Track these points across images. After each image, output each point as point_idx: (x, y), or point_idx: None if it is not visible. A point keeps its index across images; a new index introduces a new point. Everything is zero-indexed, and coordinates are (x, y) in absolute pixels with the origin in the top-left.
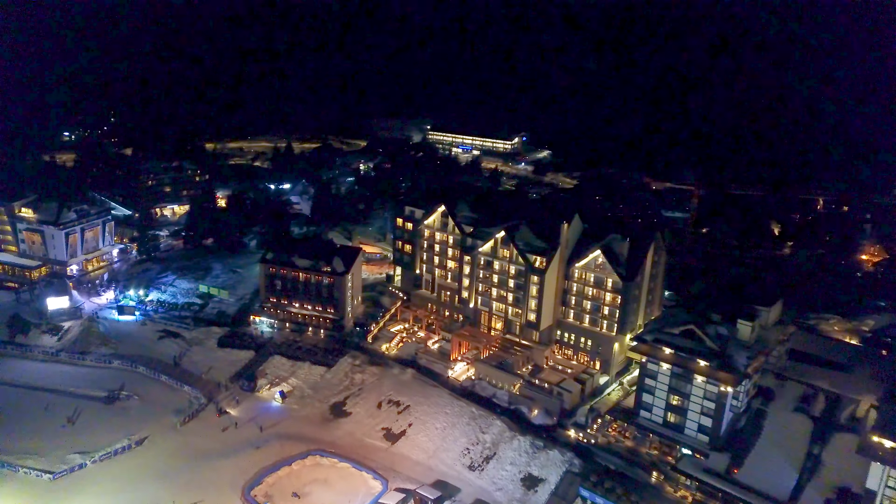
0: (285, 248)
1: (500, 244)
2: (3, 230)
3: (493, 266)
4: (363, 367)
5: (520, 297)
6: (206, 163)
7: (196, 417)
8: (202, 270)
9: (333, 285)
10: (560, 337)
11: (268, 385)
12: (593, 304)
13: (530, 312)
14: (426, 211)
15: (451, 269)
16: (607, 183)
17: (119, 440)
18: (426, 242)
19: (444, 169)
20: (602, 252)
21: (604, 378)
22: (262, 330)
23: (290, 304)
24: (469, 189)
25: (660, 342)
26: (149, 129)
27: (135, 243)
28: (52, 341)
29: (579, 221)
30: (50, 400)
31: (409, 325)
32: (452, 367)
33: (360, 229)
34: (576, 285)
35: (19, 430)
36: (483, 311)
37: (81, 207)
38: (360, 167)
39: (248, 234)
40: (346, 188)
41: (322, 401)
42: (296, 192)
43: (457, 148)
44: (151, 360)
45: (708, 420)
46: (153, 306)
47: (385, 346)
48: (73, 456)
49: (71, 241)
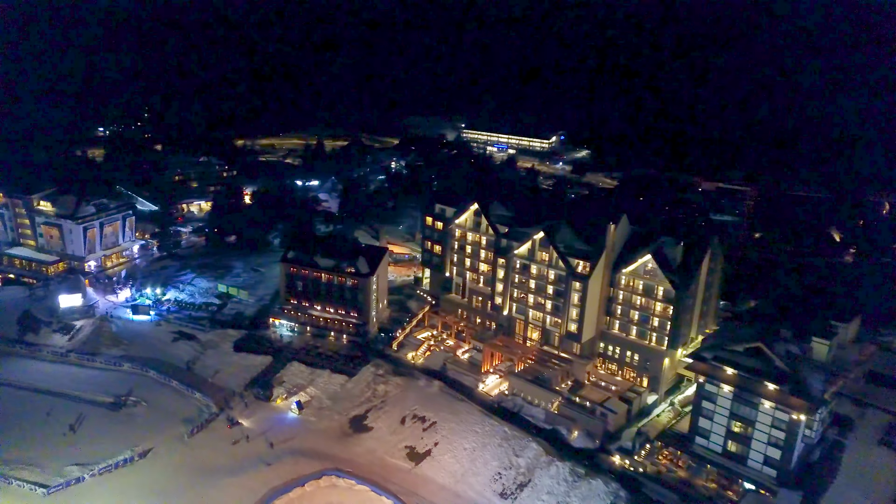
0: (308, 247)
1: (538, 246)
2: (22, 223)
3: (530, 270)
4: (387, 377)
5: (559, 304)
6: (234, 158)
7: (205, 428)
8: (223, 269)
9: (357, 287)
10: (603, 350)
11: (284, 394)
12: (641, 314)
13: (571, 322)
14: (458, 209)
15: (484, 273)
16: (650, 183)
17: (121, 451)
18: (457, 243)
19: (478, 167)
20: (653, 257)
21: (652, 397)
22: (281, 334)
23: (312, 307)
24: (504, 186)
25: (721, 361)
26: (180, 126)
27: (156, 239)
28: (62, 341)
29: (627, 223)
30: (53, 405)
31: (438, 332)
32: (483, 381)
33: (388, 228)
34: (622, 293)
35: (18, 436)
36: (518, 320)
37: (101, 201)
38: (392, 165)
39: (273, 232)
40: (375, 186)
41: (341, 413)
42: (324, 190)
43: (491, 147)
44: (163, 363)
45: (776, 452)
46: (169, 306)
47: (411, 354)
48: (71, 468)
49: (89, 235)
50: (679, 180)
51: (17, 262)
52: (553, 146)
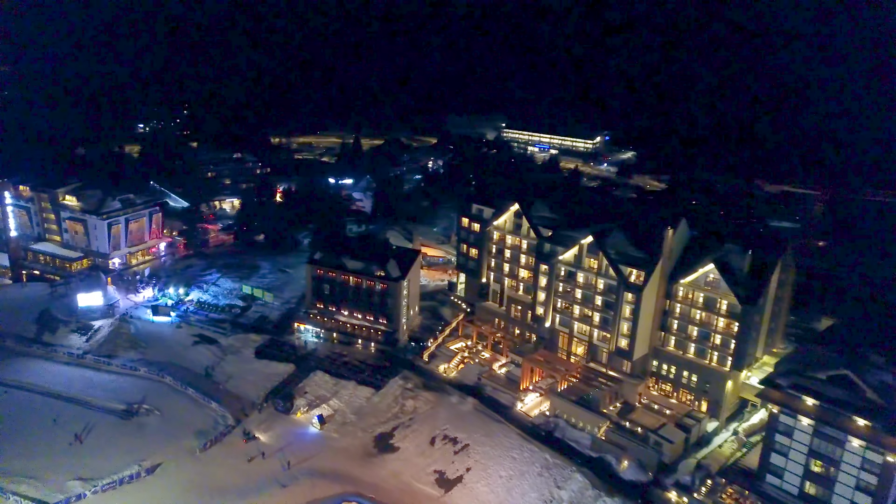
0: (336, 248)
1: (585, 252)
2: (47, 218)
3: (577, 278)
4: (416, 391)
5: (609, 317)
6: (268, 155)
7: (220, 442)
8: (249, 269)
9: (386, 292)
10: (657, 369)
11: (305, 406)
12: (701, 330)
13: (621, 337)
14: (496, 210)
15: (524, 280)
16: (702, 187)
17: (128, 466)
18: (495, 246)
19: (519, 167)
20: (716, 267)
21: (712, 424)
22: (305, 340)
23: (339, 312)
24: (546, 187)
25: (800, 389)
26: (218, 123)
27: (182, 237)
28: (79, 341)
29: (686, 228)
30: (61, 410)
31: (472, 342)
32: (522, 399)
33: (423, 230)
34: (680, 306)
35: (23, 444)
36: (561, 333)
37: (127, 197)
38: (429, 164)
39: (303, 231)
40: (411, 186)
41: (366, 430)
42: (359, 189)
43: (533, 147)
44: (181, 368)
45: (866, 499)
46: (192, 307)
47: (443, 366)
48: (73, 483)
49: (113, 232)
50: (732, 183)
51: (42, 257)
52: (597, 147)
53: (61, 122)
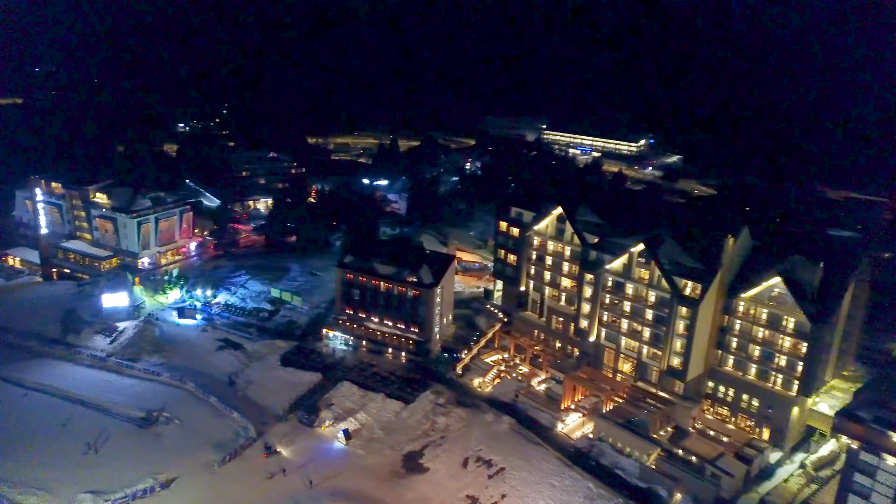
0: (367, 252)
1: (635, 261)
2: (78, 216)
3: (625, 290)
4: (448, 407)
5: (660, 333)
6: (304, 155)
7: (239, 456)
8: (279, 271)
9: (419, 299)
10: (713, 391)
11: (331, 419)
12: (764, 350)
13: (674, 356)
14: (537, 214)
15: (567, 289)
16: (753, 192)
17: (143, 479)
18: (535, 253)
19: (561, 170)
20: (783, 280)
21: (776, 454)
22: (334, 347)
23: (369, 319)
24: (590, 190)
25: (884, 423)
26: (257, 123)
27: (213, 237)
28: (103, 343)
29: (748, 237)
30: (77, 416)
31: (510, 355)
32: (563, 420)
33: (458, 233)
34: (740, 323)
35: (35, 451)
36: (607, 348)
37: (157, 195)
38: (466, 166)
39: (335, 233)
40: (448, 188)
41: (394, 447)
42: (394, 190)
43: (574, 149)
44: (203, 375)
45: None
46: (218, 310)
47: (477, 380)
48: (83, 496)
49: (143, 230)
50: (787, 188)
51: (72, 256)
52: (641, 150)
53: (102, 121)
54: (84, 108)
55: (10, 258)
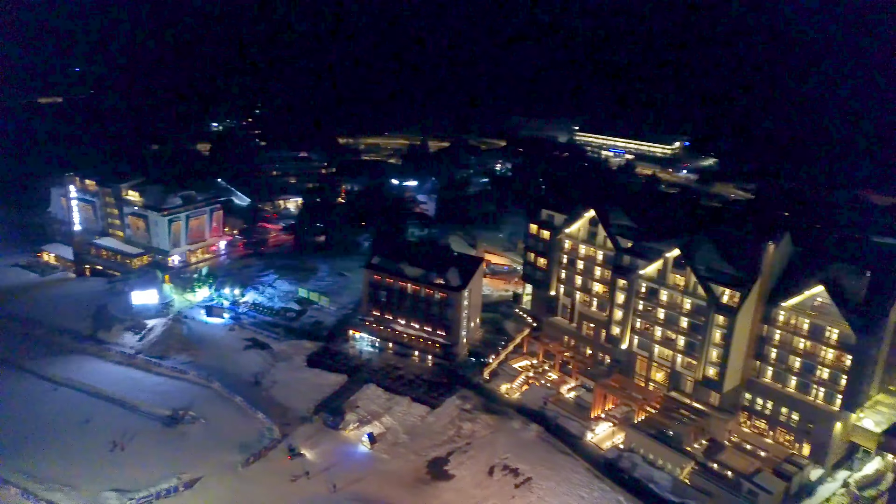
0: (395, 253)
1: (671, 267)
2: (111, 213)
3: (659, 296)
4: (475, 413)
5: (695, 342)
6: (334, 155)
7: (263, 457)
8: (307, 271)
9: (446, 302)
10: (750, 403)
11: (356, 423)
12: (806, 362)
13: (709, 365)
14: (569, 216)
15: (598, 295)
16: (794, 197)
17: (167, 478)
18: (567, 256)
19: (593, 172)
20: (826, 289)
21: (816, 472)
22: (360, 349)
23: (395, 321)
24: (623, 192)
25: None
26: (288, 123)
27: (242, 236)
28: (132, 340)
29: (789, 243)
30: (104, 413)
31: (538, 361)
32: (593, 429)
33: (487, 235)
34: (780, 333)
35: (61, 448)
36: (640, 356)
37: (188, 193)
38: (497, 167)
39: (364, 234)
40: (478, 189)
41: (419, 453)
42: (424, 191)
43: (607, 151)
44: (230, 374)
45: None
46: (246, 309)
47: (505, 386)
48: (108, 494)
49: (174, 228)
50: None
51: (104, 252)
52: (676, 153)
53: (137, 119)
54: (119, 108)
55: (46, 254)
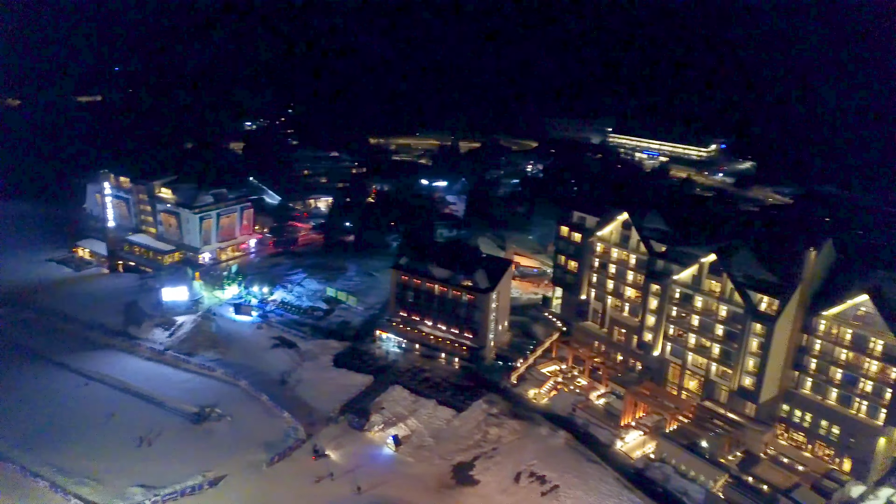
0: (423, 254)
1: (706, 272)
2: (144, 210)
3: (694, 302)
4: (501, 418)
5: (731, 350)
6: (365, 155)
7: (287, 457)
8: (335, 270)
9: (473, 304)
10: (788, 415)
11: (381, 424)
12: (847, 374)
13: (745, 375)
14: (602, 219)
15: (631, 300)
16: (835, 202)
17: (192, 475)
18: (598, 260)
19: (626, 174)
20: (871, 298)
21: (858, 488)
22: (387, 349)
23: (422, 322)
24: (657, 196)
25: None
26: (321, 123)
27: (272, 235)
28: (162, 336)
29: (832, 250)
30: (132, 409)
31: (567, 366)
32: (622, 437)
33: (517, 237)
34: (820, 343)
35: (89, 442)
36: (672, 364)
37: (219, 191)
38: (528, 168)
39: (392, 234)
40: (508, 190)
41: (444, 457)
42: (453, 192)
43: (641, 153)
44: (257, 372)
45: None
46: (274, 307)
47: (533, 391)
48: (134, 490)
49: (205, 226)
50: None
51: (137, 249)
52: (712, 155)
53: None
54: (155, 106)
55: (80, 249)
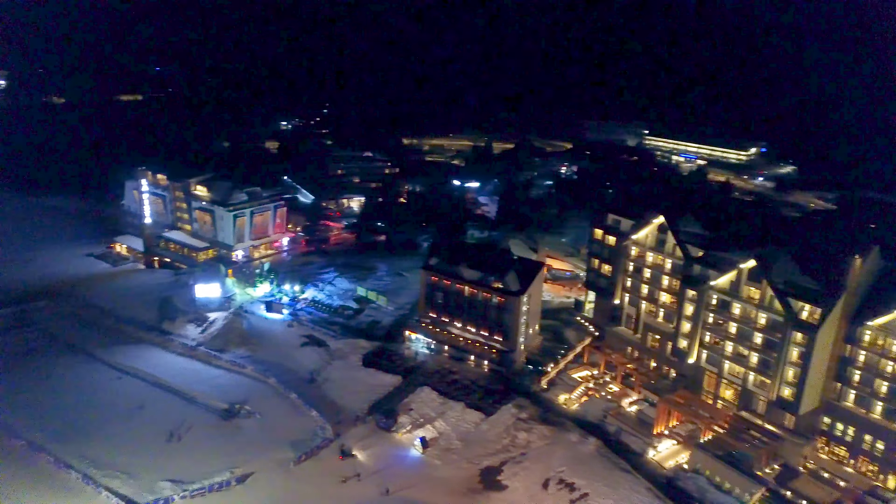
0: (453, 255)
1: (745, 278)
2: (180, 207)
3: (732, 309)
4: (531, 423)
5: (770, 359)
6: (398, 156)
7: (314, 456)
8: (366, 270)
9: (504, 307)
10: (829, 428)
11: (409, 425)
12: (893, 387)
13: (784, 385)
14: (637, 222)
15: (665, 305)
16: (880, 208)
17: (220, 472)
18: (633, 264)
19: (662, 177)
20: None
21: None
22: (416, 350)
23: (452, 324)
24: (697, 198)
25: None
26: (355, 123)
27: (305, 234)
28: (194, 332)
29: (878, 258)
30: (163, 403)
31: (599, 372)
32: (655, 446)
33: (550, 239)
34: (864, 355)
35: (121, 435)
36: (708, 372)
37: (253, 189)
38: (562, 170)
39: (423, 235)
40: (541, 192)
41: (472, 460)
42: (485, 193)
43: (677, 156)
44: (286, 370)
45: None
46: (305, 305)
47: (563, 397)
48: (163, 484)
49: (239, 224)
50: None
51: (172, 245)
52: (752, 158)
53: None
54: (194, 106)
55: (118, 245)
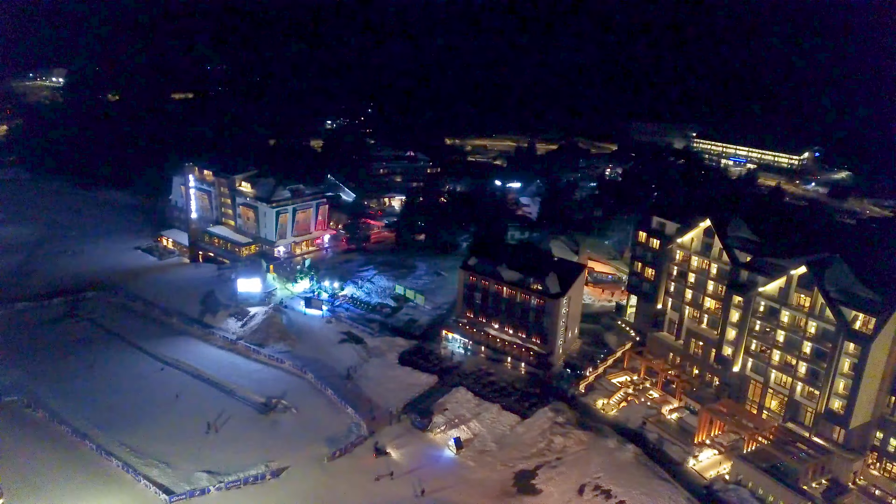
0: (493, 255)
1: (795, 285)
2: (224, 203)
3: (780, 317)
4: (567, 427)
5: (819, 370)
6: (441, 156)
7: (349, 453)
8: (405, 268)
9: (543, 309)
10: (881, 444)
11: (443, 426)
12: None
13: (834, 397)
14: (682, 225)
15: (710, 311)
16: None
17: (255, 465)
18: (677, 268)
19: (711, 181)
20: None
21: None
22: (452, 350)
23: (489, 325)
24: (746, 203)
25: None
26: (398, 122)
27: (346, 231)
28: (235, 326)
29: None
30: (203, 395)
31: (639, 378)
32: (696, 455)
33: (592, 242)
34: None
35: (161, 426)
36: (753, 381)
37: (297, 187)
38: (606, 171)
39: (464, 234)
40: (585, 193)
41: (506, 463)
42: (528, 194)
43: (727, 159)
44: (324, 366)
45: None
46: (344, 302)
47: (602, 402)
48: (200, 475)
49: (281, 220)
50: None
51: (216, 240)
52: (805, 163)
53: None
54: (241, 104)
55: (165, 239)
